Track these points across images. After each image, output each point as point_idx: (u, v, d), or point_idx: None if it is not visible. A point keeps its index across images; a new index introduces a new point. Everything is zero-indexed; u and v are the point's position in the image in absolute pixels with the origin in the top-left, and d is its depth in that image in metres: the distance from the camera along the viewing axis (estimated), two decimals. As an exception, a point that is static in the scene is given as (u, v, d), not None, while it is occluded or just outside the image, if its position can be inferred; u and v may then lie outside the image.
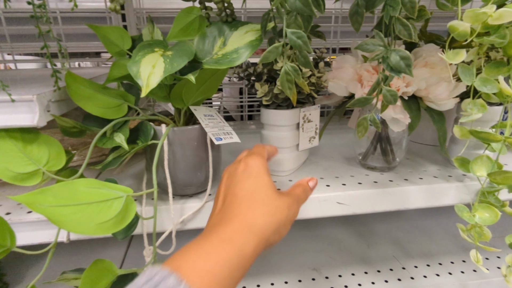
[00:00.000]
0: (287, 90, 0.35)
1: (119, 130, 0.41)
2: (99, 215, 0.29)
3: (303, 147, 0.52)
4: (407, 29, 0.35)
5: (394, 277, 0.60)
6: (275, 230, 0.30)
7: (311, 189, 0.37)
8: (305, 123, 0.50)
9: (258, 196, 0.31)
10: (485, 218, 0.42)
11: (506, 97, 0.40)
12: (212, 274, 0.23)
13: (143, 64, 0.33)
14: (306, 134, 0.51)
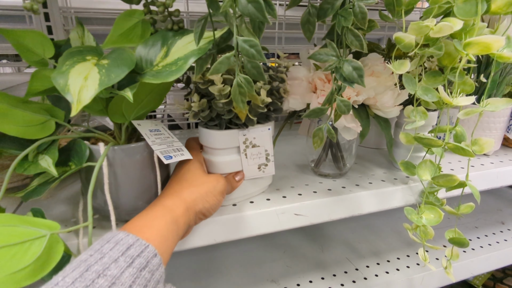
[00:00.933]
0: (240, 103, 0.33)
1: (45, 152, 0.34)
2: (11, 262, 0.23)
3: (250, 175, 0.44)
4: (359, 40, 0.35)
5: (349, 280, 0.61)
6: (201, 197, 0.37)
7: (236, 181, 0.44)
8: (248, 148, 0.43)
9: (189, 176, 0.39)
10: (431, 219, 0.45)
11: (443, 105, 0.43)
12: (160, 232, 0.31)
13: (72, 76, 0.28)
14: (252, 161, 0.44)
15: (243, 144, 0.42)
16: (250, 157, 0.43)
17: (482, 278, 0.90)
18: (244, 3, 0.29)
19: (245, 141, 0.42)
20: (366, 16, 0.33)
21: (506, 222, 0.82)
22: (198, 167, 0.40)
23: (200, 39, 0.33)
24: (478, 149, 0.46)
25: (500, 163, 0.62)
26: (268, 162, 0.45)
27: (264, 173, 0.45)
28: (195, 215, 0.37)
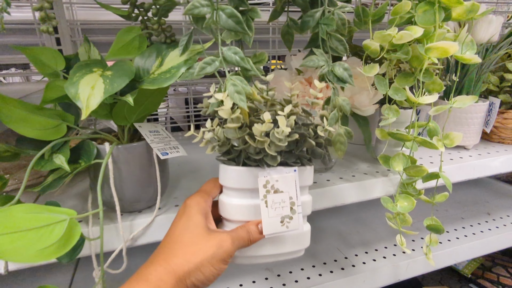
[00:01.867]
0: (240, 102, 0.37)
1: (58, 152, 0.40)
2: (40, 241, 0.28)
3: (268, 230, 0.35)
4: (343, 44, 0.40)
5: (338, 267, 0.66)
6: (195, 268, 0.31)
7: (259, 232, 0.35)
8: (270, 193, 0.35)
9: (185, 236, 0.33)
10: (405, 206, 0.49)
11: (414, 103, 0.47)
12: None
13: (81, 85, 0.33)
14: (273, 212, 0.35)
15: (263, 188, 0.35)
16: (271, 206, 0.35)
17: (471, 267, 0.93)
18: (225, 19, 0.34)
19: (266, 184, 0.35)
20: (345, 22, 0.38)
21: (492, 213, 0.86)
22: (198, 225, 0.34)
23: (185, 51, 0.38)
24: (448, 143, 0.50)
25: (478, 156, 0.66)
26: (294, 214, 0.36)
27: (287, 229, 0.36)
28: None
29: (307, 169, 0.39)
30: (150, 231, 0.44)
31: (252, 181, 0.36)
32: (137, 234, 0.44)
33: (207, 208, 0.36)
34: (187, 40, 0.37)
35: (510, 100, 0.68)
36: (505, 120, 0.70)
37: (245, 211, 0.36)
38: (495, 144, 0.73)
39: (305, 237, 0.40)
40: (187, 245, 0.32)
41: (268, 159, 0.35)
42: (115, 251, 0.42)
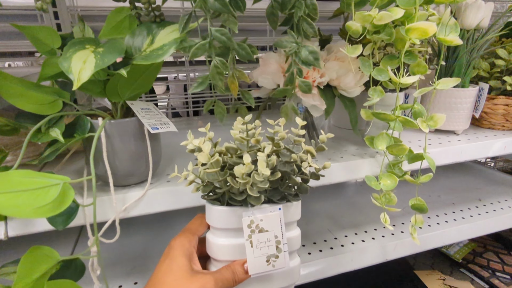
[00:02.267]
0: (219, 81, 0.39)
1: (54, 126, 0.42)
2: (36, 201, 0.31)
3: (254, 270, 0.35)
4: (312, 27, 0.41)
5: (327, 246, 0.68)
6: None
7: (245, 272, 0.35)
8: (254, 233, 0.35)
9: (168, 279, 0.33)
10: (388, 184, 0.51)
11: (399, 84, 0.49)
12: None
13: (74, 60, 0.35)
14: (259, 252, 0.35)
15: (247, 228, 0.35)
16: (256, 246, 0.35)
17: (462, 252, 0.95)
18: (212, 2, 0.36)
19: (251, 224, 0.35)
20: (316, 7, 0.39)
21: (483, 199, 0.87)
22: (182, 267, 0.34)
23: (185, 29, 0.40)
24: (432, 124, 0.52)
25: (467, 140, 0.67)
26: (280, 253, 0.36)
27: (274, 268, 0.36)
28: None
29: (293, 205, 0.39)
30: (142, 203, 0.47)
31: (236, 221, 0.36)
32: (129, 206, 0.46)
33: (191, 249, 0.37)
34: (186, 19, 0.38)
35: (500, 86, 0.69)
36: (495, 106, 0.71)
37: (231, 250, 0.36)
38: (485, 130, 0.74)
39: (293, 272, 0.39)
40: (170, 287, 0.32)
41: (251, 199, 0.35)
42: (108, 221, 0.45)
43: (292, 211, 0.39)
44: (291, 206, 0.38)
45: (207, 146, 0.34)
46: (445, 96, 0.68)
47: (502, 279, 0.86)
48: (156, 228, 0.78)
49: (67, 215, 0.38)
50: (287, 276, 0.39)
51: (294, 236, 0.40)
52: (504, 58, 0.68)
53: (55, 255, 0.35)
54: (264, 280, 0.37)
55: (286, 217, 0.38)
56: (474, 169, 1.09)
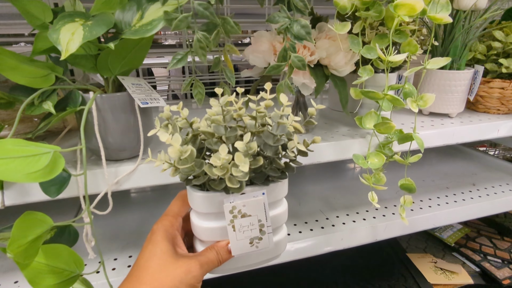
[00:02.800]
0: (201, 56, 0.40)
1: (47, 99, 0.43)
2: (28, 167, 0.32)
3: (237, 251, 0.35)
4: (303, 1, 0.42)
5: (318, 226, 0.69)
6: None
7: (228, 252, 0.35)
8: (237, 218, 0.34)
9: (151, 264, 0.32)
10: (375, 163, 0.52)
11: (388, 62, 0.49)
12: None
13: (62, 32, 0.36)
14: (242, 235, 0.35)
15: (229, 214, 0.34)
16: (239, 230, 0.34)
17: (455, 236, 0.96)
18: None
19: (232, 210, 0.34)
20: None
21: (477, 184, 0.88)
22: (165, 251, 0.33)
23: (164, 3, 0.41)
24: (422, 104, 0.52)
25: (460, 123, 0.67)
26: (263, 235, 0.35)
27: (257, 249, 0.36)
28: None
29: (279, 184, 0.37)
30: (134, 177, 0.48)
31: (218, 206, 0.35)
32: (121, 179, 0.47)
33: (174, 232, 0.36)
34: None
35: (496, 69, 0.69)
36: (490, 89, 0.70)
37: (214, 233, 0.36)
38: (480, 114, 0.74)
39: (280, 244, 0.39)
40: (154, 272, 0.32)
41: (233, 189, 0.33)
42: (101, 193, 0.46)
43: (278, 190, 0.38)
44: (276, 186, 0.37)
45: (176, 140, 0.31)
46: (439, 79, 0.68)
47: (493, 263, 0.87)
48: (152, 206, 0.80)
49: (60, 184, 0.39)
50: (273, 248, 0.39)
51: (281, 212, 0.39)
52: (501, 40, 0.67)
53: (49, 221, 0.36)
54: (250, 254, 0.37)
55: (272, 197, 0.37)
56: (471, 155, 1.09)
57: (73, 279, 0.37)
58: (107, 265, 0.59)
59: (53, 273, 0.35)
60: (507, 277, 0.82)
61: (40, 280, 0.34)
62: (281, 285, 0.85)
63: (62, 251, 0.37)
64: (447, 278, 0.84)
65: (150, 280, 0.31)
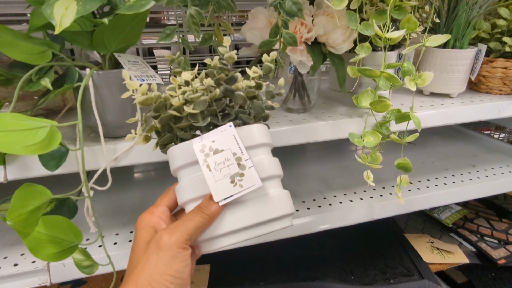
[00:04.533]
0: (195, 32, 0.40)
1: (44, 76, 0.44)
2: (25, 140, 0.33)
3: (220, 195, 0.32)
4: None
5: (315, 205, 0.71)
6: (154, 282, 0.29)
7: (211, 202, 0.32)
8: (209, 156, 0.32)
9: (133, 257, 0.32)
10: (370, 141, 0.52)
11: (385, 39, 0.48)
12: None
13: (56, 6, 0.36)
14: (219, 174, 0.32)
15: (200, 153, 0.32)
16: (215, 169, 0.32)
17: (453, 218, 0.97)
18: None
19: (203, 149, 0.32)
20: None
21: (477, 165, 0.88)
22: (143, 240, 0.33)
23: None
24: (420, 82, 0.52)
25: (461, 104, 0.67)
26: (244, 170, 0.32)
27: (242, 188, 0.32)
28: None
29: (252, 127, 0.35)
30: (132, 154, 0.49)
31: (191, 153, 0.33)
32: (119, 155, 0.48)
33: (154, 219, 0.35)
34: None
35: (500, 48, 0.67)
36: (493, 69, 0.69)
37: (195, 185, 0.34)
38: (482, 94, 0.73)
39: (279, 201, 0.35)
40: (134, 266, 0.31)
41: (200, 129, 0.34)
42: (100, 169, 0.48)
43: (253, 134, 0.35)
44: (248, 128, 0.35)
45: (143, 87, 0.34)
46: (441, 58, 0.67)
47: (490, 243, 0.88)
48: (154, 184, 0.81)
49: (58, 158, 0.40)
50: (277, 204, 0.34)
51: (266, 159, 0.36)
52: (506, 18, 0.65)
53: (48, 193, 0.38)
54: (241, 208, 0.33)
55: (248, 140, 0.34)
56: (474, 137, 1.08)
57: (72, 249, 0.39)
58: (110, 239, 0.61)
59: (52, 243, 0.37)
60: (502, 257, 0.84)
61: (40, 248, 0.36)
62: (279, 262, 0.88)
63: (61, 222, 0.38)
64: (443, 258, 0.85)
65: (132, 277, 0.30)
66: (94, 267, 0.43)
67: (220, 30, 0.43)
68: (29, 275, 0.54)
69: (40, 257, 0.37)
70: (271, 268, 0.86)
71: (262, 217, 0.33)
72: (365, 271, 0.85)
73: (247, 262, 0.88)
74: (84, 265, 0.42)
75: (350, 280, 0.83)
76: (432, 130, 1.15)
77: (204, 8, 0.40)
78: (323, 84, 0.85)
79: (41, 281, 0.54)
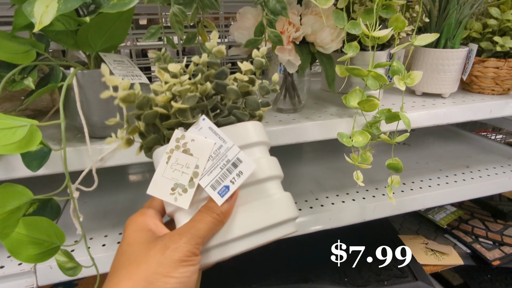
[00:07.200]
0: (178, 31, 0.40)
1: (28, 75, 0.43)
2: (4, 139, 0.33)
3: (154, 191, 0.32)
4: None
5: (307, 206, 0.70)
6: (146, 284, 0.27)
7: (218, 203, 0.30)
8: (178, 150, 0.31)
9: (125, 257, 0.29)
10: (359, 141, 0.52)
11: (372, 38, 0.48)
12: None
13: (37, 5, 0.35)
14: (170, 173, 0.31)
15: (174, 141, 0.31)
16: (171, 166, 0.31)
17: (448, 219, 0.97)
18: None
19: (180, 139, 0.31)
20: None
21: (471, 166, 0.87)
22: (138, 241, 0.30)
23: None
24: (409, 82, 0.51)
25: (452, 104, 0.66)
26: (190, 188, 0.31)
27: (175, 202, 0.31)
28: None
29: (247, 124, 0.34)
30: (118, 154, 0.49)
31: None
32: (105, 156, 0.48)
33: (147, 221, 0.32)
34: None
35: (491, 48, 0.67)
36: (485, 68, 0.69)
37: None
38: (474, 94, 0.73)
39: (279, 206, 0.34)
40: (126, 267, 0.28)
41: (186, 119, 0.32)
42: (85, 170, 0.47)
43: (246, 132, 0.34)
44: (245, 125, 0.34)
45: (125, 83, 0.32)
46: (432, 58, 0.66)
47: (484, 245, 0.88)
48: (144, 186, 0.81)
49: (41, 159, 0.40)
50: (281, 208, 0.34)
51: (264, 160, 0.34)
52: (497, 18, 0.65)
53: (28, 193, 0.37)
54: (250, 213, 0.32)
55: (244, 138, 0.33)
56: (469, 138, 1.08)
57: (53, 250, 0.38)
58: (98, 241, 0.60)
59: (33, 244, 0.36)
60: (497, 258, 0.83)
61: (20, 250, 0.35)
62: (271, 264, 0.87)
63: (42, 223, 0.38)
64: (437, 259, 0.85)
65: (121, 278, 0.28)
66: (78, 269, 0.42)
67: (204, 30, 0.43)
68: (16, 278, 0.53)
69: (20, 259, 0.36)
70: (263, 271, 0.85)
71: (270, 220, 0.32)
72: (359, 273, 0.84)
73: (239, 264, 0.87)
74: (67, 267, 0.41)
75: (343, 282, 0.82)
76: (427, 130, 1.14)
77: (188, 6, 0.40)
78: (315, 84, 0.84)
79: (28, 284, 0.53)
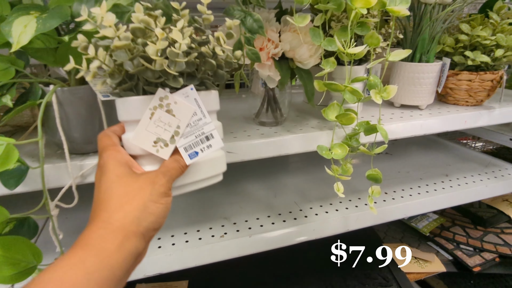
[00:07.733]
0: None
1: (6, 93, 0.43)
2: (-21, 159, 0.32)
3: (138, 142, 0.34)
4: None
5: (291, 217, 0.71)
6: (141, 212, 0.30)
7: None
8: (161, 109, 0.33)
9: (113, 190, 0.31)
10: (338, 153, 0.53)
11: (347, 54, 0.50)
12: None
13: (15, 25, 0.36)
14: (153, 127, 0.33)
15: (158, 100, 0.33)
16: (154, 122, 0.33)
17: (430, 226, 0.99)
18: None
19: (163, 99, 0.33)
20: None
21: (450, 174, 0.90)
22: (124, 174, 0.32)
23: None
24: (386, 95, 0.53)
25: (429, 115, 0.69)
26: (171, 144, 0.34)
27: (156, 153, 0.34)
28: (143, 237, 0.30)
29: (212, 93, 0.38)
30: (99, 170, 0.49)
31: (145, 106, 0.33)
32: (86, 172, 0.48)
33: (126, 157, 0.34)
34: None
35: (464, 62, 0.70)
36: (459, 81, 0.72)
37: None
38: (450, 106, 0.76)
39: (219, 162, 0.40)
40: (120, 197, 0.31)
41: (170, 82, 0.32)
42: (65, 186, 0.47)
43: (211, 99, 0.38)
44: (209, 94, 0.38)
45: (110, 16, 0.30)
46: (408, 71, 0.69)
47: (465, 251, 0.90)
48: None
49: (18, 177, 0.40)
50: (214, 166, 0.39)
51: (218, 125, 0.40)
52: (467, 33, 0.69)
53: (4, 212, 0.37)
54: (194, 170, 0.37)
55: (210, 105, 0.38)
56: (448, 147, 1.11)
57: (30, 269, 0.38)
58: (79, 258, 0.59)
59: (9, 264, 0.36)
60: (477, 265, 0.85)
61: (-6, 271, 0.35)
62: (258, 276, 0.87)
63: (19, 243, 0.37)
64: (420, 267, 0.86)
65: (119, 205, 0.30)
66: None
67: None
68: (-8, 298, 0.52)
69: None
70: (249, 283, 0.85)
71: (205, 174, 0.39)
72: (345, 282, 0.85)
73: (225, 277, 0.87)
74: (45, 287, 0.41)
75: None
76: (408, 140, 1.17)
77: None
78: (298, 97, 0.86)
79: (5, 304, 0.52)
